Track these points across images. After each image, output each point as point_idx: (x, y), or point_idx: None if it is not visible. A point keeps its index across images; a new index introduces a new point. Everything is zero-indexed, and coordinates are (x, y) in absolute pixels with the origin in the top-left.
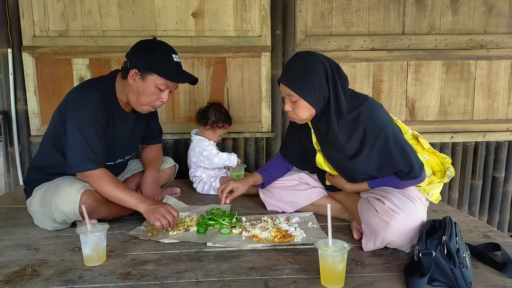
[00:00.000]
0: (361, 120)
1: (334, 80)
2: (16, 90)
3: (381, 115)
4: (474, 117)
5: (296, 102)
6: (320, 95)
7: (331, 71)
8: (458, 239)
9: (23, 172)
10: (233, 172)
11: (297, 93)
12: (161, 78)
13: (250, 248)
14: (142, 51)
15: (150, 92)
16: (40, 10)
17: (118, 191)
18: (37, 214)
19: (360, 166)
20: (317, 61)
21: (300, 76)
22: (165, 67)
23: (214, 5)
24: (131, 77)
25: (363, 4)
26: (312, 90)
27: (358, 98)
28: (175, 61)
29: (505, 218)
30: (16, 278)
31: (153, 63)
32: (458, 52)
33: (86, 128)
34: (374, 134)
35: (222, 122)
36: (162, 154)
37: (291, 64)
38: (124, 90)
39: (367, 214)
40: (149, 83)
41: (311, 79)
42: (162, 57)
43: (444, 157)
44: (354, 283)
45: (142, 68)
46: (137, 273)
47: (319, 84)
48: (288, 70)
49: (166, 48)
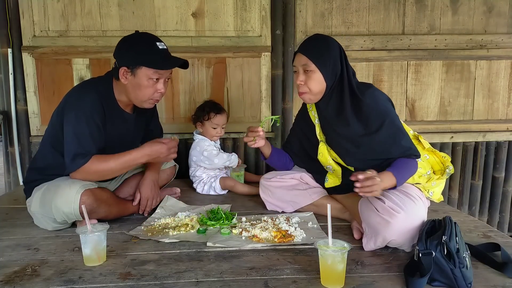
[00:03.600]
0: (366, 106)
1: (346, 60)
2: (16, 90)
3: (385, 101)
4: (474, 117)
5: (309, 74)
6: (333, 71)
7: (344, 54)
8: (458, 239)
9: (23, 172)
10: (233, 172)
11: (314, 62)
12: (150, 69)
13: (250, 248)
14: (125, 47)
15: (145, 86)
16: (40, 10)
17: (118, 160)
18: (37, 214)
19: (365, 149)
20: (334, 41)
21: (319, 48)
22: (151, 57)
23: (214, 5)
24: (123, 76)
25: (363, 4)
26: (328, 62)
27: (363, 85)
28: (160, 48)
29: (505, 218)
30: (16, 278)
31: (139, 57)
32: (458, 52)
33: (80, 128)
34: (379, 119)
35: (207, 114)
36: None
37: (310, 39)
38: (122, 91)
39: (367, 213)
40: (141, 77)
41: (329, 53)
42: (146, 48)
43: (443, 156)
44: (354, 283)
45: (129, 64)
46: (137, 273)
47: (334, 59)
48: (307, 43)
49: (149, 38)
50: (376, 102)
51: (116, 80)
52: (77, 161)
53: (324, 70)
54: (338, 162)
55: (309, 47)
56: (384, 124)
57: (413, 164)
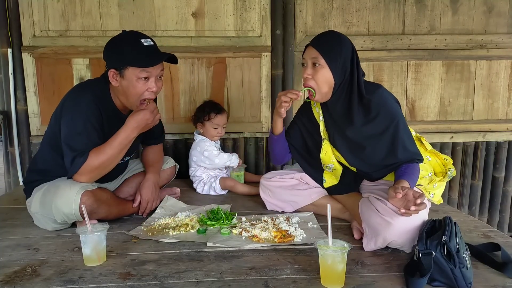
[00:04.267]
0: (375, 106)
1: (357, 60)
2: (16, 90)
3: (393, 103)
4: (474, 117)
5: (318, 68)
6: (343, 68)
7: (356, 53)
8: (458, 239)
9: (23, 172)
10: (233, 172)
11: (323, 57)
12: (137, 68)
13: (250, 248)
14: (111, 49)
15: (135, 86)
16: (40, 10)
17: (112, 144)
18: (37, 214)
19: (370, 150)
20: (348, 40)
21: (331, 44)
22: (137, 55)
23: (214, 5)
24: (113, 79)
25: (363, 4)
26: (338, 58)
27: (372, 85)
28: (145, 45)
29: (505, 218)
30: (16, 278)
31: (124, 57)
32: (458, 52)
33: (76, 131)
34: (387, 120)
35: (207, 114)
36: (163, 155)
37: (324, 34)
38: (116, 93)
39: (368, 214)
40: (129, 78)
41: (340, 50)
42: (131, 48)
43: (445, 158)
44: (354, 283)
45: (117, 66)
46: (137, 273)
47: (345, 57)
48: (321, 38)
49: (133, 36)
50: (385, 103)
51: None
52: (76, 162)
53: (333, 66)
54: (340, 162)
55: (321, 41)
56: (392, 125)
57: (418, 169)
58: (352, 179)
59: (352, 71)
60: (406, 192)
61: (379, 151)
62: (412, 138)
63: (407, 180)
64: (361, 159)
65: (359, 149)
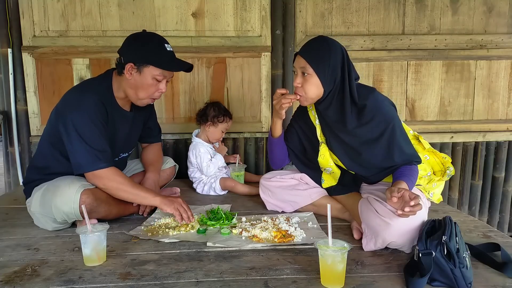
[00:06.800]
0: (370, 110)
1: (349, 67)
2: (16, 90)
3: (388, 107)
4: (474, 117)
5: (307, 77)
6: (332, 77)
7: (347, 59)
8: (458, 239)
9: (23, 172)
10: (233, 172)
11: (312, 66)
12: (158, 69)
13: (250, 248)
14: (135, 44)
15: (148, 84)
16: (40, 10)
17: (133, 188)
18: (37, 214)
19: (367, 155)
20: (338, 46)
21: (319, 52)
22: (160, 57)
23: (214, 5)
24: (128, 72)
25: (363, 4)
26: (326, 68)
27: (366, 88)
28: (168, 50)
29: (505, 218)
30: (16, 278)
31: (148, 55)
32: (458, 52)
33: (89, 130)
34: (383, 124)
35: (222, 116)
36: (162, 155)
37: (313, 41)
38: (120, 87)
39: (367, 214)
40: (146, 75)
41: (329, 58)
42: (155, 48)
43: (444, 156)
44: (354, 283)
45: (137, 61)
46: (137, 273)
47: (334, 66)
48: (309, 45)
49: (158, 39)
50: (380, 107)
51: (116, 77)
52: (97, 163)
53: (322, 75)
54: (338, 165)
55: (309, 50)
56: (388, 129)
57: (417, 171)
58: (351, 181)
59: (343, 77)
60: (403, 194)
61: (376, 155)
62: (408, 140)
63: (405, 181)
64: (358, 163)
65: (355, 154)
